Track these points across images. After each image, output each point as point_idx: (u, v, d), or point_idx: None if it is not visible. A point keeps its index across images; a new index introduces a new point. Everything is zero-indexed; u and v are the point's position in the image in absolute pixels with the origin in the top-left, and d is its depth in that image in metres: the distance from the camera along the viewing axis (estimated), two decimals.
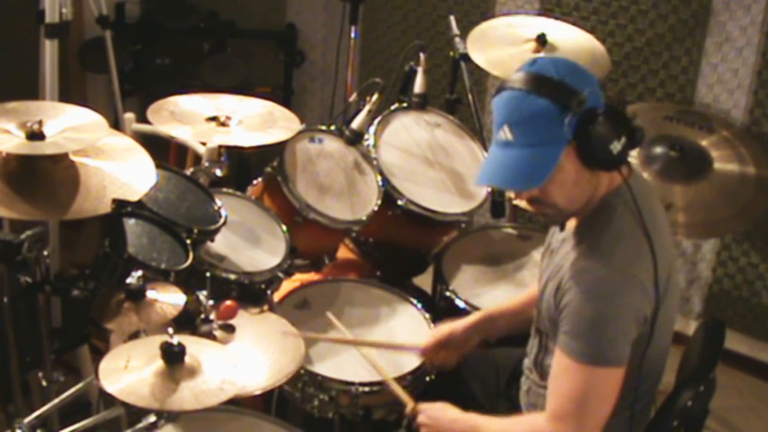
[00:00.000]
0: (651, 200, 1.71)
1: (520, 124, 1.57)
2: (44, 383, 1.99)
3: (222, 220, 2.09)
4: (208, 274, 2.00)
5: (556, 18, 3.13)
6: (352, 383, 2.02)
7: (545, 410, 1.65)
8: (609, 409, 1.60)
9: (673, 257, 1.72)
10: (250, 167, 3.32)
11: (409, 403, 1.89)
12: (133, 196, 1.77)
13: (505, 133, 1.59)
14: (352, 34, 3.38)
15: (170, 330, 1.62)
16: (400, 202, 2.51)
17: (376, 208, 2.47)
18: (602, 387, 1.59)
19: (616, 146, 1.55)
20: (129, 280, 1.75)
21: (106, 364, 1.59)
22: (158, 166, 1.90)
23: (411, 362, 2.10)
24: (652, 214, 1.66)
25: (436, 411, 1.83)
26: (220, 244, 2.12)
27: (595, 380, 1.59)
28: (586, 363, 1.58)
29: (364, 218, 2.43)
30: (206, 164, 2.29)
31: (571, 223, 1.74)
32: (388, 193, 2.52)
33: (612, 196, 1.66)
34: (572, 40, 2.84)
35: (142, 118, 2.37)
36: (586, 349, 1.58)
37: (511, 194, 2.70)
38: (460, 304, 2.35)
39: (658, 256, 1.58)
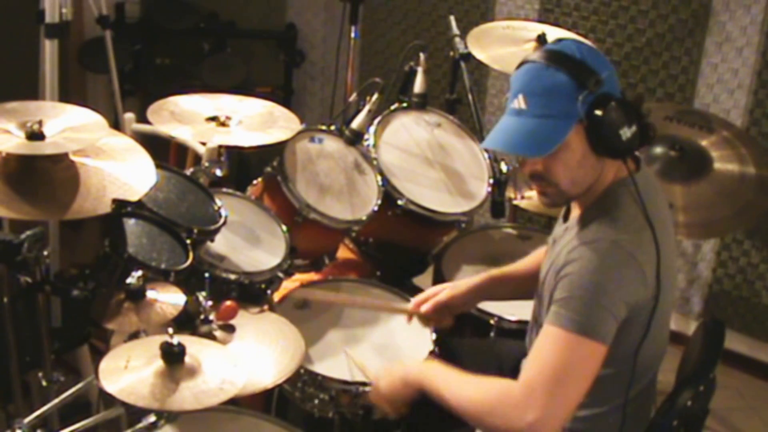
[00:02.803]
0: (656, 196, 1.71)
1: (536, 94, 1.60)
2: (44, 383, 1.99)
3: (222, 220, 2.09)
4: (207, 274, 1.99)
5: (555, 22, 3.13)
6: (352, 383, 2.02)
7: (520, 378, 1.60)
8: (583, 390, 1.56)
9: (674, 254, 1.72)
10: (250, 167, 3.32)
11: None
12: (133, 196, 1.77)
13: (519, 102, 1.61)
14: (352, 34, 3.38)
15: (170, 330, 1.62)
16: (400, 202, 2.51)
17: (376, 208, 2.47)
18: (583, 360, 1.55)
19: (626, 133, 1.57)
20: (129, 280, 1.74)
21: (106, 364, 1.59)
22: (158, 166, 1.90)
23: (410, 362, 2.10)
24: (656, 209, 1.67)
25: (384, 374, 1.83)
26: (220, 244, 2.12)
27: (578, 351, 1.55)
28: (574, 331, 1.55)
29: (364, 218, 2.43)
30: (206, 164, 2.29)
31: (575, 213, 1.75)
32: (388, 193, 2.52)
33: (616, 185, 1.66)
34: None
35: (142, 118, 2.37)
36: (576, 317, 1.55)
37: (511, 194, 2.70)
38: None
39: (661, 247, 1.59)
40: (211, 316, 1.88)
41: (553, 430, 1.54)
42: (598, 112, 1.56)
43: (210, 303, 1.90)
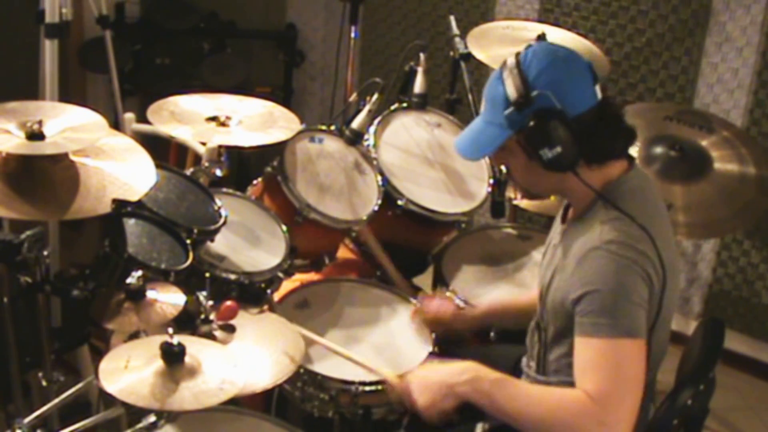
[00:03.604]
0: (650, 195, 1.72)
1: (487, 100, 1.71)
2: (44, 383, 1.99)
3: (222, 220, 2.09)
4: (208, 274, 1.99)
5: (555, 22, 3.13)
6: (352, 382, 2.02)
7: (581, 389, 1.58)
8: (642, 387, 1.59)
9: (674, 251, 1.73)
10: (250, 167, 3.32)
11: (393, 379, 1.87)
12: (133, 196, 1.77)
13: (482, 104, 1.73)
14: (352, 34, 3.38)
15: (170, 330, 1.62)
16: (400, 202, 2.52)
17: (376, 208, 2.47)
18: (634, 359, 1.58)
19: (546, 153, 1.61)
20: (129, 280, 1.74)
21: (106, 364, 1.59)
22: (158, 166, 1.90)
23: (410, 362, 2.10)
24: (649, 208, 1.68)
25: (424, 369, 1.80)
26: (220, 244, 2.12)
27: (631, 352, 1.57)
28: (619, 335, 1.57)
29: (364, 218, 2.43)
30: (206, 164, 2.29)
31: (571, 217, 1.76)
32: (388, 193, 2.52)
33: (608, 189, 1.67)
34: (571, 39, 2.84)
35: (142, 118, 2.37)
36: (617, 322, 1.57)
37: (511, 194, 2.70)
38: (460, 304, 2.34)
39: (656, 240, 1.60)
40: (211, 316, 1.88)
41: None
42: (530, 126, 1.61)
43: (210, 303, 1.90)
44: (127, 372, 1.57)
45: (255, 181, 2.48)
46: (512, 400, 1.63)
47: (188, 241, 1.95)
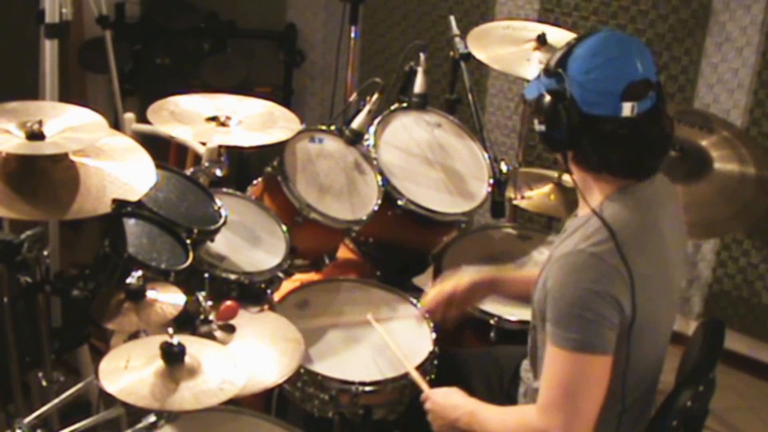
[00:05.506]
0: (657, 205, 1.71)
1: None
2: (44, 383, 1.99)
3: (222, 220, 2.09)
4: (207, 274, 1.99)
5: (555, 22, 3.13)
6: (352, 382, 2.02)
7: (537, 401, 1.65)
8: (599, 400, 1.60)
9: (671, 266, 1.72)
10: (250, 167, 3.32)
11: (425, 389, 1.94)
12: (133, 196, 1.77)
13: None
14: (352, 34, 3.38)
15: (170, 330, 1.62)
16: (400, 202, 2.51)
17: (376, 208, 2.47)
18: (589, 375, 1.58)
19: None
20: (129, 280, 1.75)
21: (106, 364, 1.59)
22: (158, 166, 1.90)
23: (412, 360, 2.10)
24: (647, 223, 1.67)
25: (441, 395, 1.87)
26: (220, 244, 2.12)
27: (582, 368, 1.58)
28: (572, 350, 1.58)
29: (364, 218, 2.43)
30: (206, 164, 2.29)
31: (579, 214, 1.76)
32: (388, 193, 2.52)
33: (615, 196, 1.67)
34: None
35: (142, 118, 2.37)
36: (570, 335, 1.58)
37: (511, 194, 2.71)
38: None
39: (632, 265, 1.58)
40: (211, 316, 1.88)
41: None
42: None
43: (210, 303, 1.90)
44: (127, 372, 1.57)
45: (255, 181, 2.48)
46: (487, 424, 1.74)
47: (188, 241, 1.95)
